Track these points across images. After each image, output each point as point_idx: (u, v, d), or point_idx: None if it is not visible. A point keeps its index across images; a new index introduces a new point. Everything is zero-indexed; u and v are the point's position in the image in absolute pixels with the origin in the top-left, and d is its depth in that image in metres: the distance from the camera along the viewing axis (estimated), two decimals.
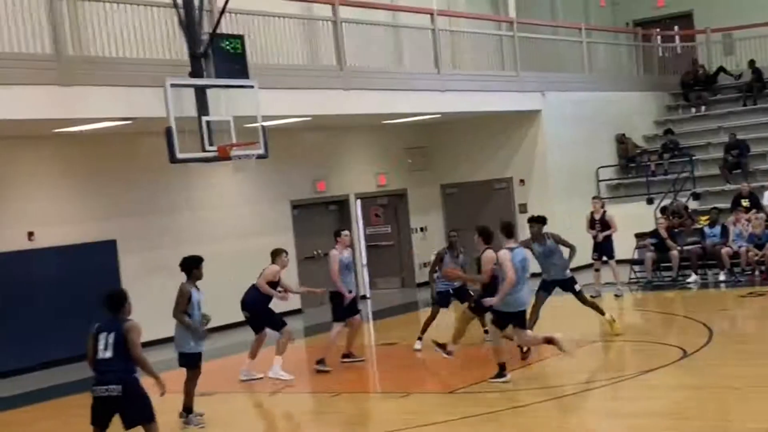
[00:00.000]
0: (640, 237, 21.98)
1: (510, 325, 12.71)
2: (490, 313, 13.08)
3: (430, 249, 24.99)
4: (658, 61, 29.89)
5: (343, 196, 23.33)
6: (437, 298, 15.42)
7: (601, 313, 15.22)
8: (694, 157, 25.45)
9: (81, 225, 17.90)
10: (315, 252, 21.52)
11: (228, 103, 15.93)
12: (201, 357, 11.80)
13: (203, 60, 15.67)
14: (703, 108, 28.40)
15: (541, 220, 14.97)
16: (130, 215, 18.60)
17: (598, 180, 25.48)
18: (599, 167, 25.60)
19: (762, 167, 24.87)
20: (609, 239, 19.47)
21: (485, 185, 25.04)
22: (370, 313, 21.08)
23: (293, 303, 21.40)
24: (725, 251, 20.24)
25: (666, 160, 25.95)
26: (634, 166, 26.39)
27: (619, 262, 19.97)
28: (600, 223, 19.48)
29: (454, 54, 23.01)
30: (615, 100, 26.86)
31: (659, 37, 30.38)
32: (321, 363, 14.46)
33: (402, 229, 25.05)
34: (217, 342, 16.82)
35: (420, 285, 23.58)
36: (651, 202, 24.10)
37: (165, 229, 18.96)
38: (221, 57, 15.86)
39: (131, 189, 18.69)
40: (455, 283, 15.18)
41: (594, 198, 20.35)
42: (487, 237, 13.29)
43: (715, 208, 21.85)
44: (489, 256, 13.26)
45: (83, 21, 15.46)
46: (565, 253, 15.04)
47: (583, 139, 25.37)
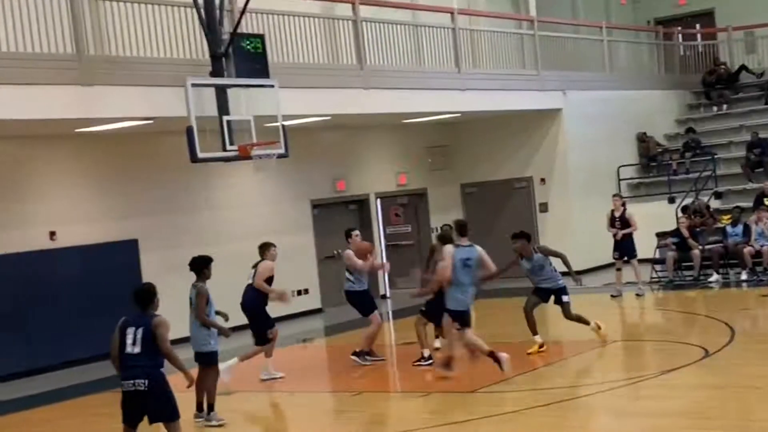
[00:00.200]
0: (661, 236, 21.90)
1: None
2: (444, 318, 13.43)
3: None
4: (679, 60, 29.76)
5: (363, 195, 23.34)
6: None
7: (586, 323, 14.84)
8: (715, 156, 25.34)
9: (102, 224, 17.97)
10: (335, 252, 21.53)
11: (248, 103, 15.96)
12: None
13: (224, 59, 15.70)
14: (725, 106, 28.28)
15: (524, 236, 14.73)
16: (151, 215, 18.67)
17: (619, 179, 25.39)
18: (620, 166, 25.52)
19: None
20: (630, 238, 19.41)
21: (505, 184, 25.01)
22: (390, 313, 21.08)
23: (314, 302, 21.51)
24: (747, 250, 20.14)
25: (687, 158, 25.85)
26: (655, 165, 26.29)
27: (641, 261, 19.91)
28: (620, 221, 19.44)
29: (474, 53, 22.98)
30: (636, 98, 26.78)
31: (680, 36, 30.26)
32: (362, 356, 14.60)
33: (422, 229, 25.03)
34: (237, 341, 16.84)
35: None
36: (672, 201, 24.01)
37: (186, 229, 19.01)
38: (242, 56, 15.89)
39: (152, 188, 18.75)
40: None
41: (614, 195, 20.29)
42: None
43: (737, 206, 21.74)
44: (447, 249, 13.38)
45: (104, 21, 15.52)
46: (557, 264, 14.87)
47: (604, 138, 25.30)
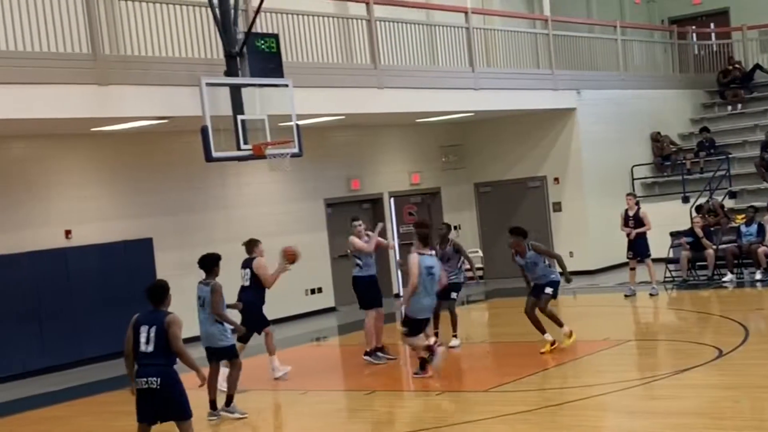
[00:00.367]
0: (675, 236, 21.87)
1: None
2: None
3: (463, 247, 25.03)
4: (693, 59, 29.71)
5: (377, 194, 23.37)
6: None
7: (559, 325, 14.61)
8: (730, 155, 25.28)
9: (117, 223, 18.04)
10: (348, 250, 21.55)
11: (263, 102, 16.00)
12: None
13: (238, 59, 15.74)
14: (740, 106, 28.21)
15: (521, 232, 14.60)
16: (165, 214, 18.73)
17: (632, 178, 25.37)
18: (634, 165, 25.50)
19: None
20: (643, 237, 19.38)
21: (519, 184, 25.01)
22: (403, 312, 21.03)
23: (327, 301, 21.55)
24: (761, 250, 20.09)
25: (702, 158, 25.80)
26: (669, 164, 26.25)
27: (655, 260, 19.88)
28: (634, 220, 19.41)
29: (488, 52, 22.99)
30: (650, 98, 26.75)
31: (695, 35, 30.20)
32: (372, 355, 14.66)
33: (435, 228, 24.96)
34: (252, 339, 16.91)
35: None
36: (687, 200, 23.97)
37: (200, 228, 19.06)
38: (256, 56, 15.93)
39: (167, 188, 18.82)
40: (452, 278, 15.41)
41: (628, 194, 20.23)
42: (425, 240, 13.53)
43: (752, 206, 21.67)
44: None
45: (119, 21, 15.59)
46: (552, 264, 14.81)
47: (618, 138, 25.28)
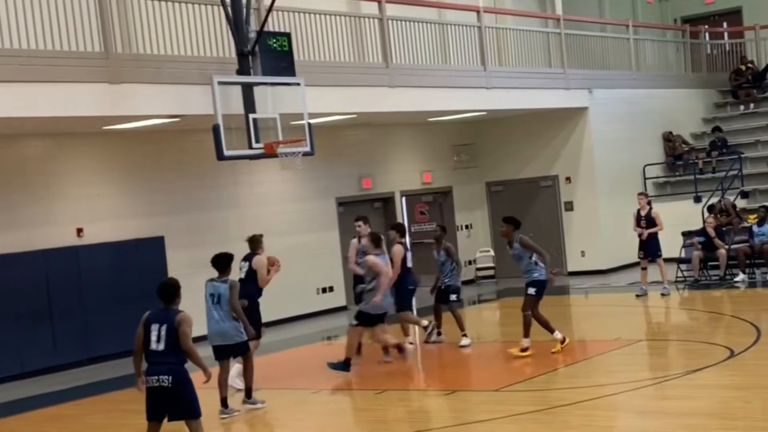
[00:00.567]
0: (687, 235, 21.82)
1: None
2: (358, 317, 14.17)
3: (475, 247, 25.07)
4: (706, 58, 29.63)
5: (389, 193, 23.37)
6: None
7: (526, 330, 14.21)
8: (742, 155, 25.21)
9: (129, 221, 18.07)
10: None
11: (274, 101, 16.01)
12: None
13: (250, 58, 15.75)
14: (752, 105, 28.13)
15: (512, 222, 14.46)
16: (177, 212, 18.76)
17: (644, 178, 25.32)
18: (646, 165, 25.45)
19: None
20: (655, 237, 19.33)
21: (531, 183, 24.98)
22: (414, 310, 21.05)
23: (338, 300, 21.55)
24: None
25: (714, 157, 25.74)
26: (681, 164, 26.19)
27: (666, 260, 19.83)
28: (646, 220, 19.36)
29: (500, 51, 22.96)
30: (662, 97, 26.68)
31: (707, 34, 30.11)
32: (386, 353, 14.79)
33: (447, 227, 24.95)
34: (266, 338, 16.93)
35: (464, 282, 23.53)
36: (699, 200, 23.92)
37: (212, 226, 19.09)
38: (268, 55, 15.94)
39: (179, 186, 18.85)
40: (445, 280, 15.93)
41: (639, 194, 20.14)
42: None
43: (764, 206, 21.59)
44: (398, 249, 14.85)
45: (132, 19, 15.60)
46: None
47: (630, 137, 25.23)
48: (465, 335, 15.61)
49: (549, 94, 23.20)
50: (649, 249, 19.37)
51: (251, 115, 15.60)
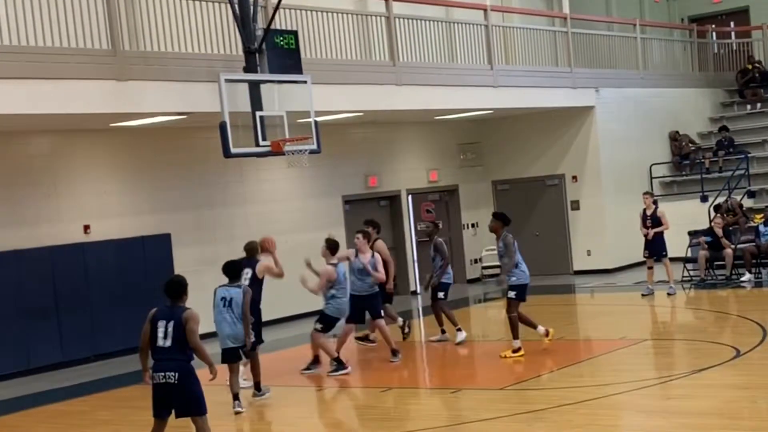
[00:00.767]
0: (693, 235, 21.80)
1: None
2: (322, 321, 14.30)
3: (481, 245, 25.06)
4: (713, 58, 29.60)
5: (395, 191, 23.39)
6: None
7: (513, 331, 14.36)
8: (749, 155, 25.18)
9: (136, 218, 18.10)
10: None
11: (281, 98, 16.02)
12: None
13: (257, 55, 15.76)
14: (759, 105, 28.09)
15: (500, 218, 14.43)
16: (184, 209, 18.79)
17: (651, 177, 25.31)
18: (653, 164, 25.43)
19: None
20: (660, 237, 19.31)
21: (537, 182, 24.97)
22: (420, 309, 21.11)
23: None
24: None
25: (721, 157, 25.72)
26: (688, 163, 26.17)
27: (672, 260, 19.81)
28: (651, 220, 19.33)
29: (507, 50, 22.97)
30: (669, 96, 26.66)
31: (714, 33, 30.08)
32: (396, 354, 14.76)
33: (453, 225, 25.04)
34: (271, 335, 16.96)
35: (470, 281, 23.58)
36: (705, 199, 23.89)
37: (218, 224, 19.12)
38: (275, 52, 15.95)
39: (185, 183, 18.87)
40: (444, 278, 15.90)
41: (645, 193, 20.12)
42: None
43: None
44: (381, 243, 15.33)
45: (139, 17, 15.64)
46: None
47: (637, 136, 25.22)
48: (459, 330, 15.80)
49: (556, 92, 23.19)
50: (655, 248, 19.35)
51: (258, 113, 15.62)
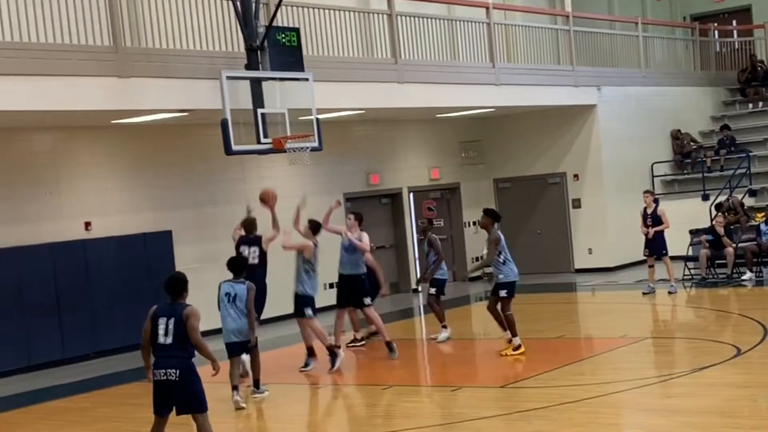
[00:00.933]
0: (694, 233, 21.80)
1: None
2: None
3: (482, 243, 24.99)
4: (715, 56, 29.58)
5: (396, 189, 23.39)
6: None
7: (503, 329, 14.54)
8: (750, 153, 25.18)
9: (137, 215, 18.10)
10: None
11: (283, 96, 16.01)
12: None
13: (259, 52, 15.75)
14: (761, 104, 28.08)
15: (490, 214, 14.45)
16: (185, 206, 18.79)
17: (652, 176, 25.31)
18: (654, 163, 25.43)
19: None
20: (661, 235, 19.29)
21: (539, 180, 24.97)
22: (420, 306, 21.10)
23: None
24: None
25: (722, 156, 25.71)
26: (689, 162, 26.16)
27: (673, 258, 19.82)
28: (651, 218, 19.32)
29: (509, 48, 22.96)
30: (671, 95, 26.66)
31: (716, 32, 30.07)
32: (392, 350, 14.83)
33: (454, 223, 25.05)
34: (270, 333, 17.01)
35: (472, 279, 23.57)
36: (706, 198, 23.89)
37: (220, 221, 19.09)
38: (277, 50, 15.95)
39: (187, 180, 18.88)
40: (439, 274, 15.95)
41: (645, 192, 20.10)
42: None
43: None
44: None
45: (141, 14, 15.63)
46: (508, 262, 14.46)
47: (638, 135, 25.22)
48: (444, 327, 16.01)
49: (557, 91, 23.18)
50: (655, 247, 19.34)
51: (260, 110, 15.61)
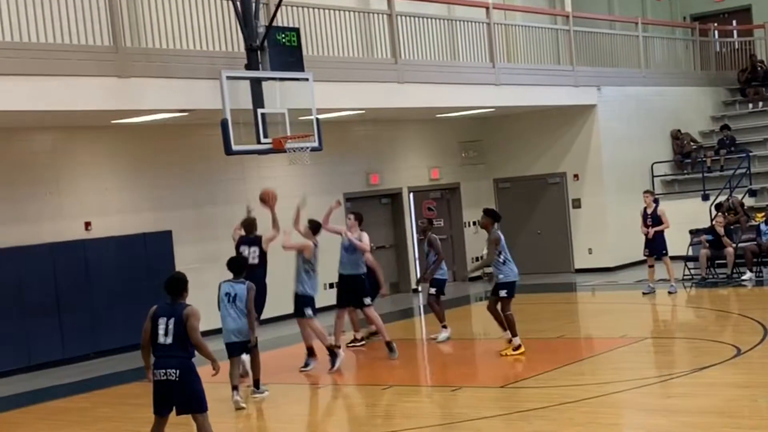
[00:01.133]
0: (694, 233, 21.80)
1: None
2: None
3: (482, 243, 25.01)
4: (715, 56, 29.58)
5: (396, 189, 23.39)
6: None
7: (503, 329, 14.57)
8: (750, 153, 25.18)
9: (137, 215, 18.10)
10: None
11: (283, 96, 16.01)
12: None
13: (259, 52, 15.75)
14: (761, 104, 28.08)
15: (490, 214, 14.50)
16: (185, 206, 18.79)
17: (652, 176, 25.31)
18: (654, 163, 25.43)
19: None
20: (661, 235, 19.28)
21: (539, 180, 24.97)
22: (420, 307, 21.10)
23: None
24: None
25: (722, 156, 25.71)
26: (689, 162, 26.16)
27: (673, 258, 19.81)
28: (651, 218, 19.31)
29: (509, 48, 22.96)
30: (671, 95, 26.66)
31: (717, 32, 30.07)
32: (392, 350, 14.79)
33: (454, 223, 25.05)
34: (270, 333, 17.01)
35: (472, 279, 23.56)
36: (706, 198, 23.89)
37: (220, 221, 19.08)
38: (277, 50, 15.95)
39: (187, 180, 18.88)
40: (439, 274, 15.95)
41: (645, 192, 20.10)
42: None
43: None
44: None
45: (141, 14, 15.63)
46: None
47: (638, 135, 25.22)
48: (444, 326, 16.05)
49: (557, 91, 23.18)
50: (655, 247, 19.33)
51: (260, 110, 15.61)
